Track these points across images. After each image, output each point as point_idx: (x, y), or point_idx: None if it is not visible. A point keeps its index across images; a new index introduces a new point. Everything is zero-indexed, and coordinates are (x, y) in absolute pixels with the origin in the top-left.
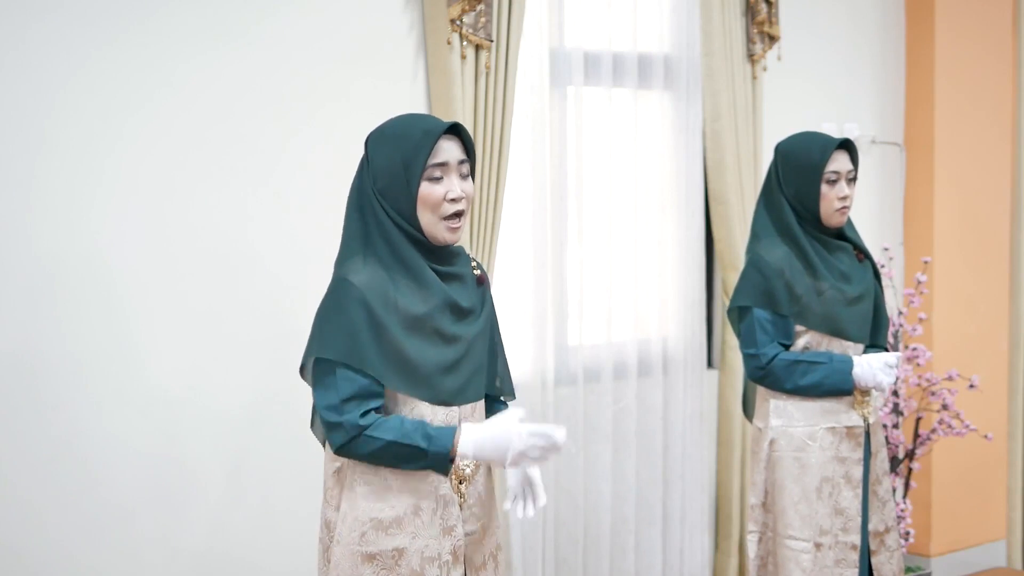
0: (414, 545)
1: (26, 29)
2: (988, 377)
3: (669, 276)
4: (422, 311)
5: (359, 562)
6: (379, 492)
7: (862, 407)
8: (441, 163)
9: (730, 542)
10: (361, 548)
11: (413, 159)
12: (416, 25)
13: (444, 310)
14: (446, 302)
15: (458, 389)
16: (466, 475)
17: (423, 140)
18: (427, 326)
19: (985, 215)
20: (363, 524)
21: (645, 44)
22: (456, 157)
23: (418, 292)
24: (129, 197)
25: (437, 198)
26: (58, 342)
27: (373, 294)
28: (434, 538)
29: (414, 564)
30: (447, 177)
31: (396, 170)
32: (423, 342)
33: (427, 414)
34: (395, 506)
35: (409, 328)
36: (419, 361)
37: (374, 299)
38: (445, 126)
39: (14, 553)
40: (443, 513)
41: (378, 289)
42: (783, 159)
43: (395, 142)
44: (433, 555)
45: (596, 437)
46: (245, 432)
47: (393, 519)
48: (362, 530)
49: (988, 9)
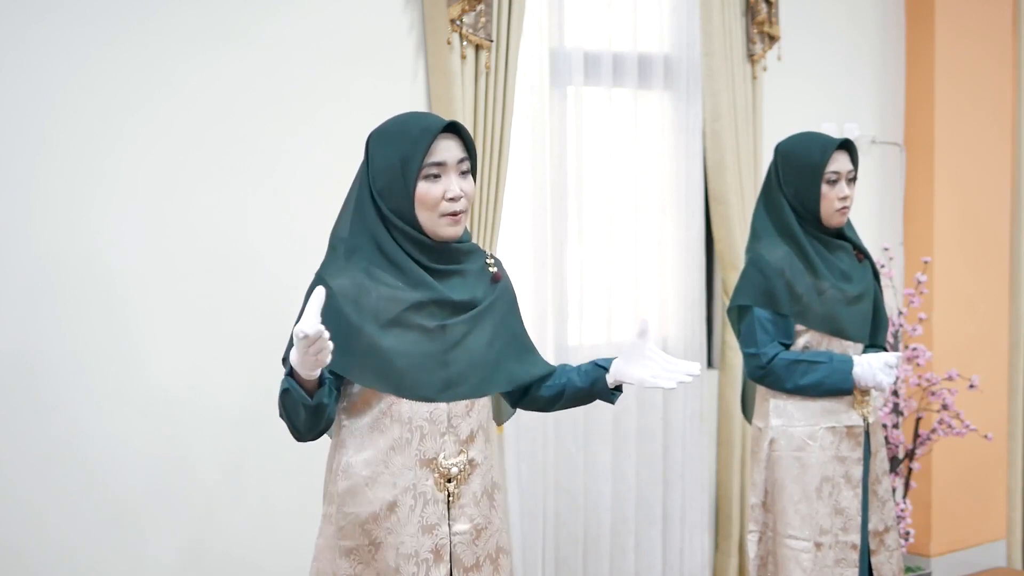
0: (388, 540)
1: (26, 29)
2: (988, 377)
3: (669, 276)
4: (401, 307)
5: (337, 556)
6: (357, 487)
7: (862, 407)
8: (438, 162)
9: (730, 542)
10: (339, 542)
11: (410, 158)
12: (416, 25)
13: (428, 305)
14: (433, 298)
15: (444, 385)
16: (453, 474)
17: (420, 138)
18: (407, 321)
19: (985, 215)
20: (341, 519)
21: (645, 44)
22: (455, 156)
23: (401, 288)
24: (129, 197)
25: (435, 197)
26: (58, 342)
27: (345, 298)
28: (411, 535)
29: (389, 560)
30: (445, 176)
31: (394, 169)
32: (402, 336)
33: (405, 410)
34: (372, 501)
35: (387, 324)
36: (395, 355)
37: (345, 302)
38: (442, 124)
39: (14, 553)
40: (423, 511)
41: (352, 293)
42: (783, 159)
43: (393, 141)
44: (409, 552)
45: (596, 437)
46: (245, 432)
47: (369, 514)
48: (340, 524)
49: (988, 9)
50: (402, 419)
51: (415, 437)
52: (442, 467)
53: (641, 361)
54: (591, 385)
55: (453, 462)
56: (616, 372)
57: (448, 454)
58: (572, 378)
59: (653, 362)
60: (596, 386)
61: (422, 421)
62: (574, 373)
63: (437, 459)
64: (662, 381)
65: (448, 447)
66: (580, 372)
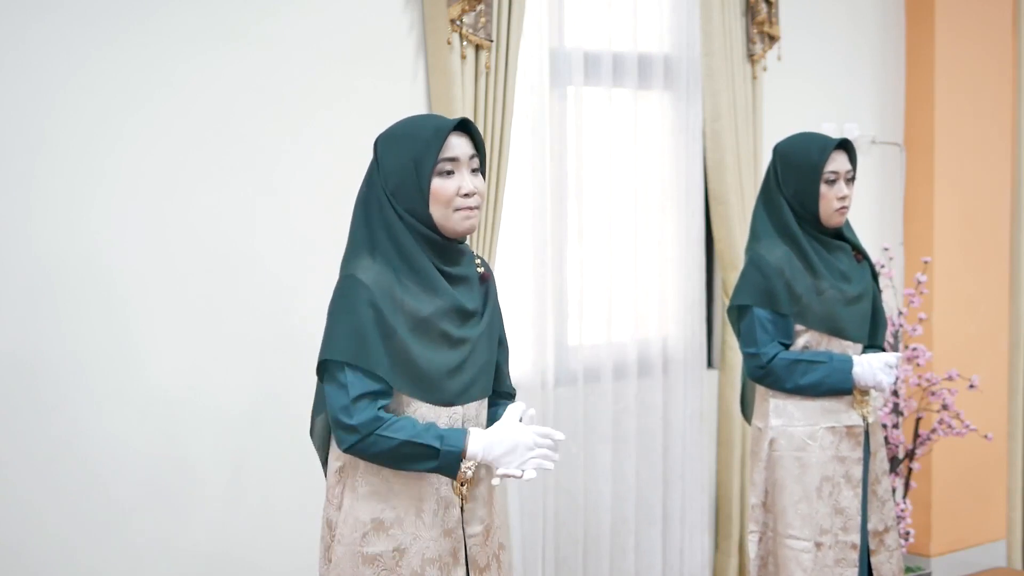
0: (415, 546)
1: (26, 29)
2: (988, 377)
3: (669, 276)
4: (427, 313)
5: (360, 563)
6: (381, 493)
7: (862, 407)
8: (452, 158)
9: (730, 542)
10: (362, 548)
11: (424, 155)
12: (416, 25)
13: (450, 313)
14: (452, 305)
15: (462, 390)
16: (468, 477)
17: (434, 136)
18: (433, 329)
19: (985, 215)
20: (365, 524)
21: (645, 44)
22: (467, 153)
23: (424, 294)
24: (129, 197)
25: (449, 193)
26: (58, 342)
27: (381, 293)
28: (435, 539)
29: (415, 565)
30: (458, 172)
31: (407, 168)
32: (428, 345)
33: (429, 415)
34: (396, 507)
35: (415, 330)
36: (425, 364)
37: (382, 299)
38: (455, 122)
39: (14, 553)
40: (444, 515)
41: (386, 288)
42: (782, 159)
43: (405, 141)
44: (434, 556)
45: (596, 437)
46: (245, 432)
47: (395, 520)
48: (363, 531)
49: (988, 9)
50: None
51: None
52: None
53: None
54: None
55: (468, 465)
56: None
57: None
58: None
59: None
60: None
61: (444, 424)
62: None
63: None
64: (512, 469)
65: None
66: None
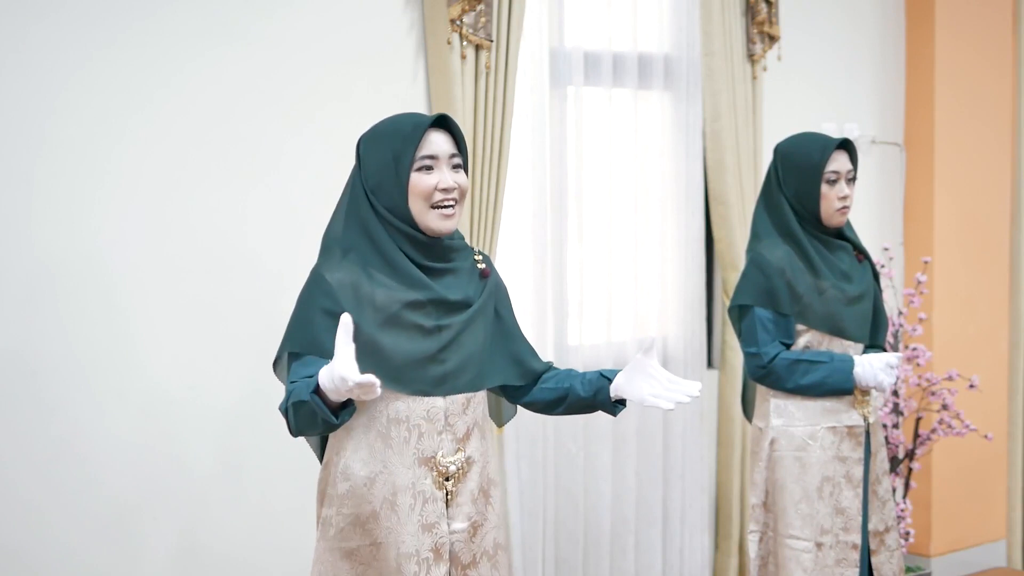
0: (389, 540)
1: (26, 30)
2: (988, 377)
3: (669, 276)
4: (398, 306)
5: (338, 558)
6: (357, 488)
7: (862, 407)
8: (431, 155)
9: (730, 542)
10: (340, 544)
11: (403, 151)
12: (416, 25)
13: (427, 305)
14: (430, 297)
15: (439, 378)
16: (451, 472)
17: (412, 133)
18: (405, 320)
19: (985, 215)
20: (341, 520)
21: (645, 44)
22: (446, 150)
23: (399, 287)
24: (129, 197)
25: (428, 187)
26: (58, 342)
27: (344, 290)
28: (411, 535)
29: (391, 559)
30: (438, 168)
31: (387, 164)
32: (400, 334)
33: (403, 410)
34: (371, 501)
35: (385, 323)
36: (393, 353)
37: (344, 295)
38: (433, 118)
39: (14, 553)
40: (422, 509)
41: (350, 286)
42: (783, 159)
43: (385, 139)
44: (410, 551)
45: (596, 437)
46: (245, 432)
47: (370, 514)
48: (340, 526)
49: (988, 9)
50: (399, 418)
51: (413, 436)
52: (440, 465)
53: (643, 379)
54: (593, 396)
55: (451, 460)
56: (617, 387)
57: (446, 452)
58: (575, 386)
59: (655, 380)
60: (598, 397)
61: (419, 420)
62: (578, 381)
63: (435, 457)
64: (661, 401)
65: (446, 445)
66: (584, 381)
